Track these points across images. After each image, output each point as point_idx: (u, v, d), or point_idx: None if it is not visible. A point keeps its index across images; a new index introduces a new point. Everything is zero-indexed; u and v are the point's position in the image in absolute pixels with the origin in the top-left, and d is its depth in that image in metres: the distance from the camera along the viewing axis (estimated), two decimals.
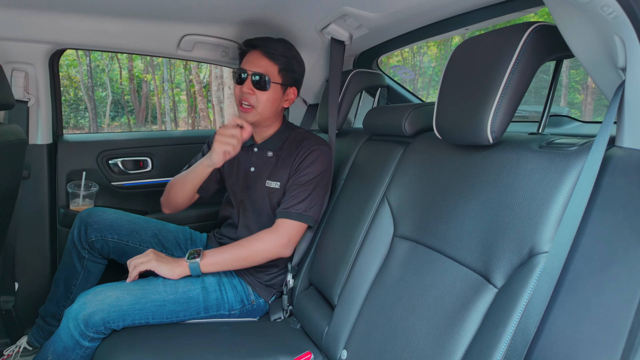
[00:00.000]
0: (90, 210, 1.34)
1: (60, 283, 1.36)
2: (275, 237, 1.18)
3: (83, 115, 13.97)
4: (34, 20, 1.32)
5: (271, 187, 1.28)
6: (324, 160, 1.24)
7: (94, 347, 1.05)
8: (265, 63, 1.21)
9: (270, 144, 1.30)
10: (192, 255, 1.16)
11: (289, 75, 1.24)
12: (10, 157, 1.20)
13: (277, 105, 1.26)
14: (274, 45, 1.22)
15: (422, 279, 0.87)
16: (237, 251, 1.17)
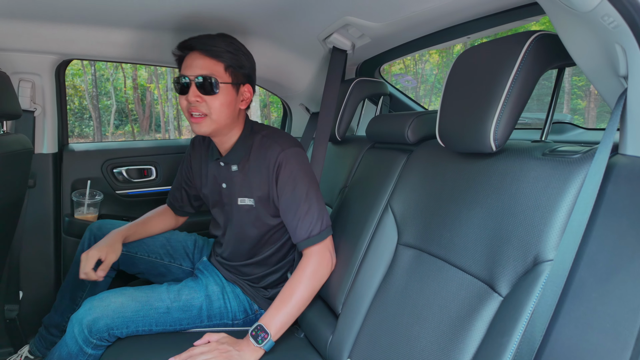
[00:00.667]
0: (100, 223, 1.35)
1: (66, 293, 1.36)
2: (317, 262, 1.09)
3: (87, 124, 14.09)
4: (41, 31, 1.35)
5: (245, 205, 1.17)
6: (300, 162, 1.12)
7: (97, 355, 1.05)
8: (208, 63, 1.06)
9: (233, 157, 1.16)
10: (258, 337, 1.01)
11: (238, 71, 1.10)
12: (17, 166, 1.22)
13: (233, 109, 1.11)
14: (213, 42, 1.07)
15: (426, 287, 0.87)
16: (297, 298, 1.06)
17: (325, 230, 1.12)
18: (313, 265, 1.09)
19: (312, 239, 1.10)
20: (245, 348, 1.00)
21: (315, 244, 1.10)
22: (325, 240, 1.12)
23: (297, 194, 1.09)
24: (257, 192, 1.14)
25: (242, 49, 1.12)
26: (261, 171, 1.12)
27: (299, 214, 1.09)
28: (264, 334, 1.02)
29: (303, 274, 1.09)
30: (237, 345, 1.01)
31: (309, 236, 1.09)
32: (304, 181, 1.10)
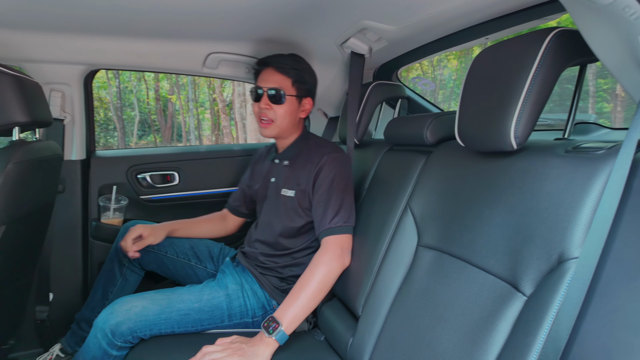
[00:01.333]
0: (134, 223, 1.45)
1: (98, 289, 1.43)
2: (329, 254, 1.16)
3: (112, 135, 14.53)
4: (71, 43, 1.41)
5: (286, 196, 1.31)
6: (341, 165, 1.26)
7: (122, 356, 1.08)
8: (279, 78, 1.28)
9: (287, 154, 1.36)
10: (269, 327, 1.05)
11: (302, 86, 1.31)
12: (47, 172, 1.27)
13: (295, 117, 1.32)
14: (284, 60, 1.30)
15: (447, 288, 0.86)
16: (309, 289, 1.10)
17: (345, 227, 1.19)
18: (326, 256, 1.15)
19: (331, 229, 1.18)
20: (257, 343, 1.02)
21: (333, 234, 1.17)
22: (343, 236, 1.19)
23: (329, 191, 1.21)
24: (298, 186, 1.28)
25: (307, 68, 1.34)
26: (306, 168, 1.28)
27: (326, 207, 1.20)
28: (274, 324, 1.04)
29: (315, 264, 1.14)
30: (249, 342, 1.03)
31: (328, 227, 1.18)
32: (339, 183, 1.22)
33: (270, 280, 1.28)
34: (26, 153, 1.12)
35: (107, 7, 1.18)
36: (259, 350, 1.00)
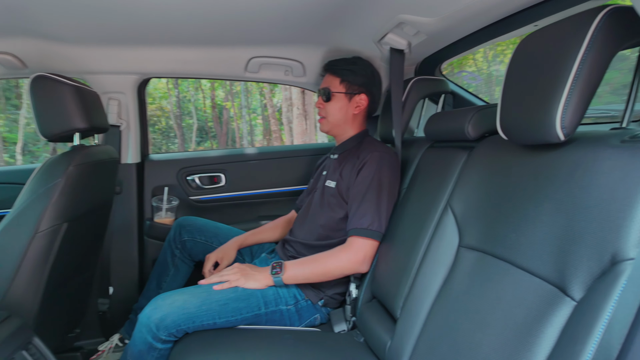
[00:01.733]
0: (186, 217, 1.59)
1: (153, 280, 1.55)
2: (349, 254, 1.21)
3: (173, 142, 15.50)
4: (125, 54, 1.53)
5: (329, 186, 1.37)
6: (385, 166, 1.26)
7: (167, 349, 1.12)
8: (330, 78, 1.42)
9: (340, 149, 1.44)
10: (275, 269, 1.22)
11: (353, 84, 1.39)
12: (105, 174, 1.38)
13: (345, 112, 1.41)
14: (335, 63, 1.42)
15: (490, 291, 0.81)
16: (315, 266, 1.22)
17: (373, 231, 1.21)
18: (346, 255, 1.21)
19: (359, 230, 1.21)
20: (261, 272, 1.22)
21: (360, 236, 1.21)
22: (369, 242, 1.22)
23: (367, 189, 1.24)
24: (340, 178, 1.33)
25: (359, 66, 1.41)
26: (351, 162, 1.33)
27: (360, 204, 1.23)
28: (278, 269, 1.21)
29: (334, 254, 1.22)
30: (255, 269, 1.24)
31: (358, 226, 1.22)
32: (378, 183, 1.24)
33: None
34: (86, 157, 1.23)
35: (157, 20, 1.27)
36: (259, 276, 1.21)
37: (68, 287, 1.36)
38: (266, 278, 1.21)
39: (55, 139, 1.20)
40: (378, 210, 1.22)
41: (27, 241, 1.08)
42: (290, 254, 1.38)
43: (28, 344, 1.02)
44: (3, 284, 1.07)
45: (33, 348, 1.03)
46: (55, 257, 1.14)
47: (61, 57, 1.48)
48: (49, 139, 1.19)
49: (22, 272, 1.08)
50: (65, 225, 1.15)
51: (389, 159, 1.29)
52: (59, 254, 1.15)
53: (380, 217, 1.22)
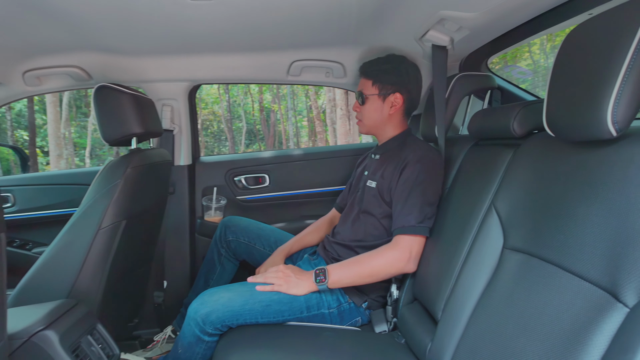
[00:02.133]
0: (232, 217, 1.66)
1: (201, 277, 1.64)
2: (395, 253, 1.20)
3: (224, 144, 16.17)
4: (177, 63, 1.63)
5: (369, 186, 1.36)
6: (429, 166, 1.25)
7: (214, 341, 1.18)
8: (363, 82, 1.42)
9: (381, 149, 1.44)
10: (319, 276, 1.21)
11: (386, 84, 1.37)
12: (159, 175, 1.48)
13: (381, 113, 1.40)
14: (368, 65, 1.41)
15: (535, 295, 0.77)
16: (360, 268, 1.21)
17: (419, 227, 1.19)
18: (392, 253, 1.20)
19: (405, 229, 1.20)
20: (304, 279, 1.21)
21: (406, 234, 1.20)
22: (416, 238, 1.20)
23: (411, 190, 1.23)
24: (382, 178, 1.32)
25: (392, 65, 1.38)
26: (393, 162, 1.32)
27: (404, 204, 1.22)
28: (322, 277, 1.20)
29: (380, 253, 1.21)
30: (299, 274, 1.23)
31: (403, 225, 1.21)
32: (422, 182, 1.23)
33: None
34: (142, 159, 1.33)
35: (206, 30, 1.34)
36: (301, 284, 1.20)
37: (127, 279, 1.47)
38: (310, 285, 1.20)
39: (115, 143, 1.32)
40: (422, 208, 1.20)
41: (92, 237, 1.19)
42: (332, 255, 1.38)
43: (93, 330, 1.12)
44: (72, 275, 1.19)
45: (97, 333, 1.13)
46: (116, 251, 1.25)
47: (121, 68, 1.61)
48: (110, 143, 1.30)
49: (87, 265, 1.19)
50: (124, 222, 1.25)
51: (432, 158, 1.28)
52: (119, 248, 1.26)
53: (426, 213, 1.21)
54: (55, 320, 1.00)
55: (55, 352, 0.96)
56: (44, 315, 0.99)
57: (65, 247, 1.20)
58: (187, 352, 1.19)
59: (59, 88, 1.68)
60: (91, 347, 1.07)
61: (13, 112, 11.72)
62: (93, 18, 1.20)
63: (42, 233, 1.88)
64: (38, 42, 1.38)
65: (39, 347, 0.96)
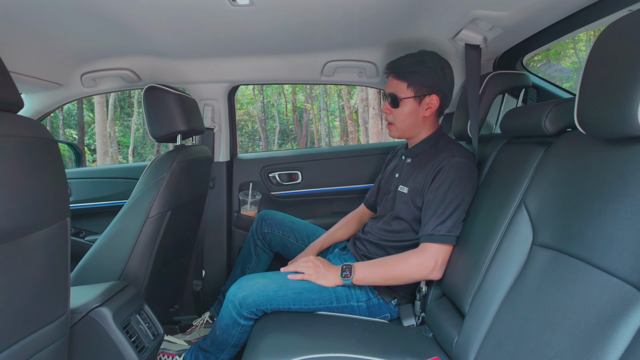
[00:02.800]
0: (268, 211, 1.73)
1: (239, 266, 1.73)
2: (421, 259, 1.21)
3: (258, 144, 16.52)
4: (218, 65, 1.73)
5: (401, 192, 1.34)
6: (463, 172, 1.22)
7: (249, 325, 1.26)
8: (395, 83, 1.34)
9: (412, 151, 1.39)
10: (345, 272, 1.26)
11: (421, 87, 1.31)
12: (201, 170, 1.58)
13: (415, 117, 1.34)
14: (400, 65, 1.33)
15: (562, 290, 0.78)
16: (385, 270, 1.24)
17: (447, 237, 1.20)
18: (417, 259, 1.21)
19: (432, 237, 1.20)
20: (332, 271, 1.27)
21: (433, 242, 1.20)
22: (443, 247, 1.21)
23: (444, 197, 1.21)
24: (414, 184, 1.31)
25: (428, 66, 1.31)
26: (426, 167, 1.30)
27: (435, 211, 1.21)
28: (348, 272, 1.25)
29: (405, 258, 1.23)
30: (328, 267, 1.29)
31: (431, 233, 1.20)
32: (455, 189, 1.21)
33: None
34: (186, 155, 1.43)
35: (245, 34, 1.42)
36: (330, 276, 1.26)
37: (170, 267, 1.58)
38: (336, 279, 1.26)
39: (162, 140, 1.42)
40: (453, 216, 1.20)
41: (140, 225, 1.30)
42: (362, 252, 1.42)
43: (140, 310, 1.23)
44: (123, 259, 1.30)
45: (144, 313, 1.24)
46: (161, 239, 1.35)
47: (167, 70, 1.73)
48: (157, 140, 1.41)
49: (136, 251, 1.30)
50: (169, 212, 1.35)
51: (467, 164, 1.24)
52: (164, 237, 1.36)
53: (455, 222, 1.20)
54: (109, 299, 1.11)
55: (110, 327, 1.07)
56: (100, 294, 1.10)
57: (117, 234, 1.32)
58: (224, 333, 1.27)
59: (111, 89, 1.82)
60: (139, 325, 1.17)
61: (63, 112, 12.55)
62: (144, 25, 1.31)
63: (94, 223, 2.05)
64: (95, 48, 1.52)
65: (95, 321, 1.06)
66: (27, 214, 0.72)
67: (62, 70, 1.63)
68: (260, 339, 1.14)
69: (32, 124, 0.75)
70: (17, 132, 0.70)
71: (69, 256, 0.88)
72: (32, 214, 0.74)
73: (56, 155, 0.81)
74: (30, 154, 0.72)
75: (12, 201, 0.69)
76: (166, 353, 1.55)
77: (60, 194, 0.82)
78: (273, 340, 1.12)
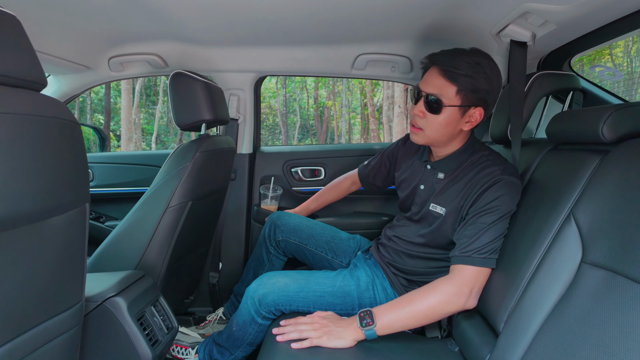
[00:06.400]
0: (280, 214, 1.59)
1: (250, 270, 1.64)
2: (454, 287, 1.03)
3: (278, 138, 16.57)
4: (245, 54, 1.68)
5: (435, 212, 1.18)
6: (511, 194, 1.07)
7: (266, 325, 1.21)
8: (442, 83, 1.08)
9: (444, 165, 1.20)
10: (364, 319, 1.04)
11: (471, 95, 1.09)
12: (223, 161, 1.54)
13: (453, 129, 1.13)
14: (455, 62, 1.07)
15: (620, 316, 0.70)
16: (414, 308, 1.03)
17: (485, 260, 1.05)
18: (450, 288, 1.04)
19: (469, 259, 1.04)
20: (346, 326, 1.04)
21: (471, 265, 1.04)
22: (481, 270, 1.05)
23: (488, 219, 1.05)
24: (452, 204, 1.14)
25: (484, 71, 1.08)
26: (467, 184, 1.12)
27: (477, 232, 1.05)
28: (369, 320, 1.03)
29: (435, 287, 1.05)
30: (339, 322, 1.06)
31: (469, 255, 1.05)
32: (504, 213, 1.06)
33: (400, 281, 1.26)
34: (210, 144, 1.39)
35: (274, 21, 1.37)
36: (345, 333, 1.03)
37: (188, 258, 1.55)
38: (355, 332, 1.03)
39: (186, 128, 1.38)
40: (492, 241, 1.05)
41: (160, 214, 1.26)
42: (387, 260, 1.31)
43: (156, 302, 1.19)
44: (141, 249, 1.27)
45: (159, 305, 1.20)
46: (181, 230, 1.31)
47: (194, 57, 1.69)
48: (182, 128, 1.37)
49: (155, 240, 1.27)
50: (190, 203, 1.32)
51: (517, 184, 1.09)
52: (184, 227, 1.33)
53: (494, 246, 1.05)
54: (125, 289, 1.08)
55: (124, 318, 1.03)
56: (115, 283, 1.07)
57: (136, 222, 1.29)
58: (240, 330, 1.23)
59: (138, 74, 1.80)
60: (154, 317, 1.14)
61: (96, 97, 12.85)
62: (175, 8, 1.27)
63: (115, 208, 2.04)
64: (124, 31, 1.49)
65: (110, 311, 1.03)
66: (46, 198, 0.69)
67: (90, 52, 1.62)
68: (275, 343, 1.09)
69: (55, 105, 0.71)
70: (39, 112, 0.66)
71: (86, 243, 0.84)
72: (51, 198, 0.70)
73: (79, 138, 0.77)
74: (52, 135, 0.69)
75: (30, 183, 0.65)
76: (179, 344, 1.52)
77: (80, 178, 0.79)
78: (289, 344, 1.07)
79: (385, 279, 1.28)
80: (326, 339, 1.02)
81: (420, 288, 1.07)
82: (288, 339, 1.04)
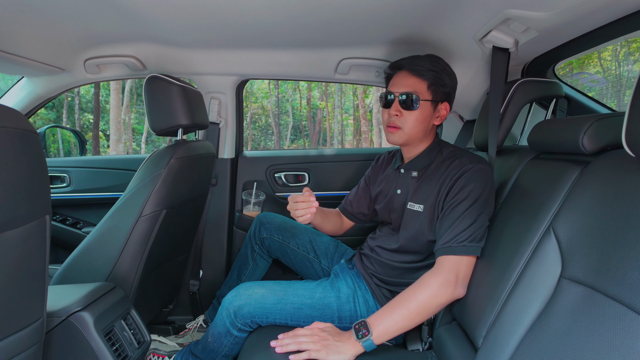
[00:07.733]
0: (266, 214, 1.62)
1: (234, 271, 1.64)
2: (439, 278, 1.04)
3: (270, 138, 16.51)
4: (227, 57, 1.64)
5: (413, 210, 1.19)
6: (482, 180, 1.09)
7: (242, 337, 1.18)
8: (412, 81, 1.17)
9: (416, 164, 1.23)
10: (359, 331, 1.03)
11: (439, 90, 1.18)
12: (202, 167, 1.49)
13: (427, 124, 1.20)
14: (420, 62, 1.17)
15: (598, 336, 0.68)
16: (406, 307, 1.03)
17: (466, 248, 1.04)
18: (436, 280, 1.04)
19: (450, 248, 1.05)
20: (345, 340, 1.02)
21: (453, 254, 1.05)
22: (464, 259, 1.05)
23: (462, 206, 1.08)
24: (429, 199, 1.17)
25: (446, 69, 1.19)
26: (439, 181, 1.15)
27: (453, 222, 1.07)
28: (365, 330, 1.02)
29: (421, 284, 1.05)
30: (338, 336, 1.04)
31: (449, 245, 1.06)
32: (476, 198, 1.08)
33: (383, 293, 1.23)
34: (186, 150, 1.34)
35: (255, 24, 1.33)
36: (344, 347, 1.01)
37: (166, 266, 1.50)
38: (354, 346, 1.01)
39: (162, 133, 1.34)
40: (475, 225, 1.06)
41: (133, 223, 1.22)
42: (371, 271, 1.28)
43: (127, 315, 1.15)
44: (112, 259, 1.22)
45: (130, 319, 1.16)
46: (155, 239, 1.27)
47: (173, 60, 1.65)
48: (157, 133, 1.32)
49: (127, 250, 1.22)
50: (164, 211, 1.27)
51: (484, 169, 1.12)
52: (158, 236, 1.28)
53: (478, 229, 1.06)
54: (92, 303, 1.03)
55: (89, 334, 0.99)
56: (82, 297, 1.03)
57: (107, 232, 1.24)
58: (215, 342, 1.19)
59: (115, 76, 1.75)
60: (123, 331, 1.10)
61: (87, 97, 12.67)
62: (151, 10, 1.22)
63: (93, 213, 1.98)
64: (100, 32, 1.44)
65: (75, 327, 0.99)
66: None
67: (65, 54, 1.56)
68: (252, 356, 1.05)
69: (10, 113, 0.67)
70: None
71: (47, 256, 0.80)
72: (2, 212, 0.66)
73: (36, 148, 0.72)
74: (3, 146, 0.64)
75: None
76: (156, 353, 1.48)
77: (38, 190, 0.74)
78: (265, 357, 1.03)
79: (367, 291, 1.25)
80: (325, 353, 0.99)
81: (410, 287, 1.07)
82: (287, 351, 1.02)
